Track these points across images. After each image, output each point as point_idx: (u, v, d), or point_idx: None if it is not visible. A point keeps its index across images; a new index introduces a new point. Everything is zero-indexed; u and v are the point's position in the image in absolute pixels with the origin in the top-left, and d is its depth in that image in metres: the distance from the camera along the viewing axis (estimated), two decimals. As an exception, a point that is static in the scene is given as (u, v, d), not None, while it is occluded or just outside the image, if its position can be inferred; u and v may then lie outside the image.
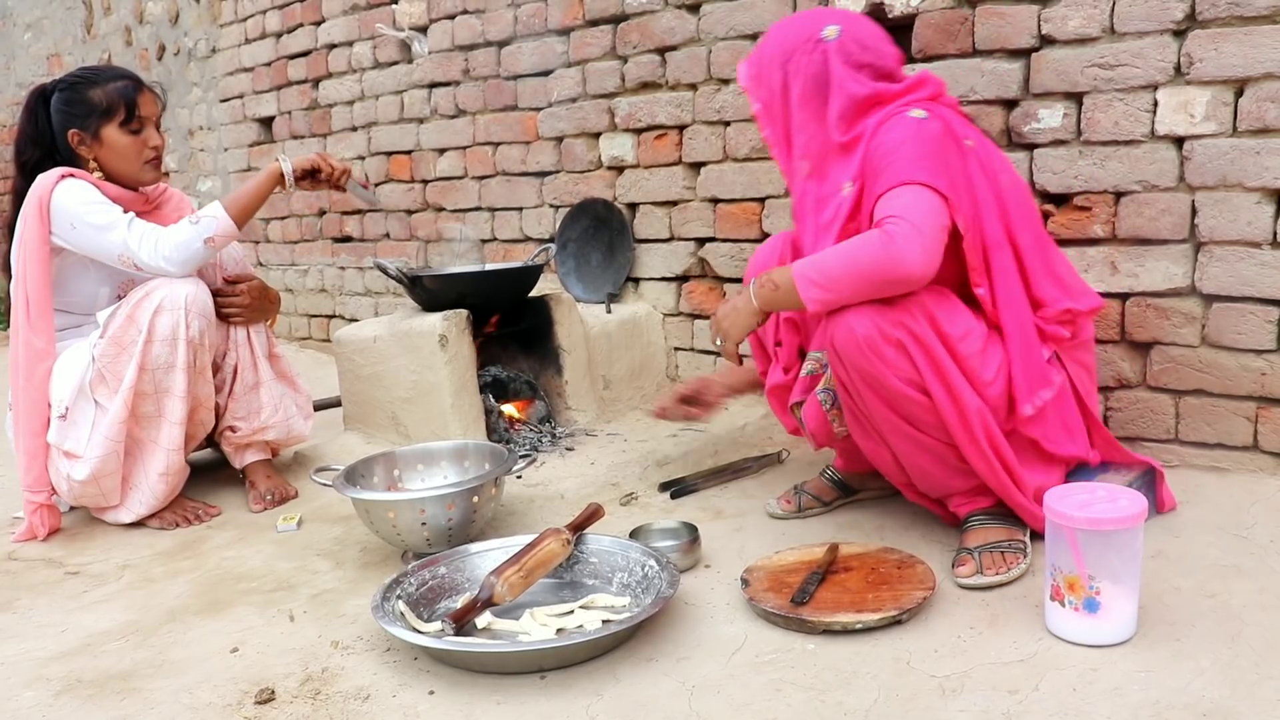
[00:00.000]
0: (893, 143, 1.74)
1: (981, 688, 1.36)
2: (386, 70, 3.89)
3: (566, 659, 1.49)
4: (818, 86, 1.84)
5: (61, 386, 2.27)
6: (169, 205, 2.55)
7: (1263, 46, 1.93)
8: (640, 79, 3.00)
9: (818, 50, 1.83)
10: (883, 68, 1.84)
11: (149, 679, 1.56)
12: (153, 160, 2.40)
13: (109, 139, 2.34)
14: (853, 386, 1.75)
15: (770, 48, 1.89)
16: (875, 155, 1.76)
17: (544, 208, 3.39)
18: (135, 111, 2.35)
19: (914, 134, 1.75)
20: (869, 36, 1.85)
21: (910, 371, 1.68)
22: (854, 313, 1.70)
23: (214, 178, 5.02)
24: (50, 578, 2.06)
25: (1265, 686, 1.32)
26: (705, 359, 3.03)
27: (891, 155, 1.73)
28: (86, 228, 2.23)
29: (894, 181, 1.70)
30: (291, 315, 4.68)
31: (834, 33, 1.83)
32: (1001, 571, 1.69)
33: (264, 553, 2.12)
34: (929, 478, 1.82)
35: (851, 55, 1.82)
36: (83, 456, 2.24)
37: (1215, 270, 2.05)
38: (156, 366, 2.23)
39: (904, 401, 1.71)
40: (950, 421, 1.69)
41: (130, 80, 2.38)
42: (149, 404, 2.27)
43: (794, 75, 1.86)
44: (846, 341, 1.70)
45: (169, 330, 2.22)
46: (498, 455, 2.13)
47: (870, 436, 1.83)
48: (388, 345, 2.64)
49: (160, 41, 5.16)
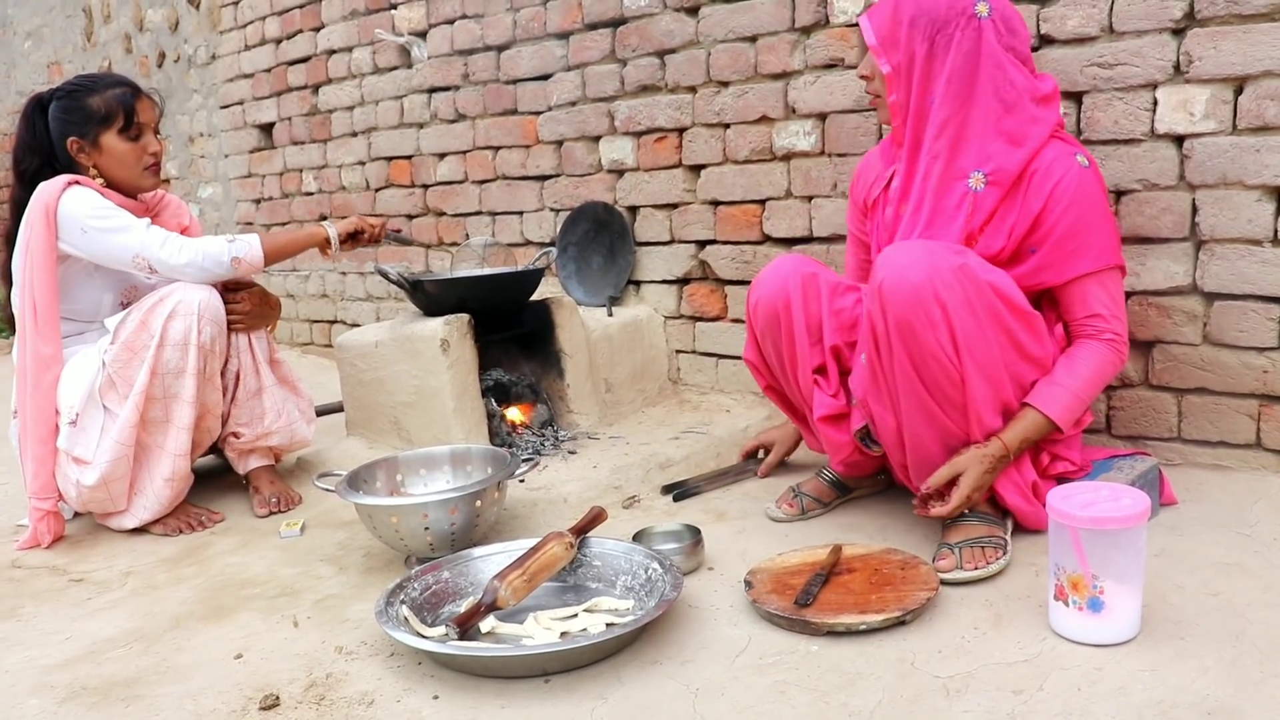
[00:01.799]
0: (1086, 204, 1.80)
1: (986, 688, 1.36)
2: (386, 75, 3.89)
3: (571, 662, 1.49)
4: (969, 65, 1.81)
5: (71, 393, 2.27)
6: (167, 212, 2.56)
7: (1262, 44, 1.93)
8: (640, 82, 3.00)
9: (972, 26, 1.80)
10: (1023, 52, 1.85)
11: (153, 685, 1.56)
12: (152, 166, 2.41)
13: (108, 146, 2.35)
14: (885, 338, 1.73)
15: (912, 10, 1.83)
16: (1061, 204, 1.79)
17: (544, 211, 3.39)
18: (134, 118, 2.35)
19: (1100, 197, 1.83)
20: (1013, 17, 1.85)
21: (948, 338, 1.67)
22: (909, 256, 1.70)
23: (214, 184, 5.02)
24: (54, 585, 2.06)
25: (1270, 685, 1.31)
26: (706, 361, 3.03)
27: (1090, 224, 1.81)
28: (98, 232, 2.24)
29: (1103, 262, 1.83)
30: (293, 321, 4.68)
31: (985, 10, 1.81)
32: (981, 566, 1.70)
33: (267, 559, 2.12)
34: (926, 455, 1.80)
35: (1002, 36, 1.82)
36: (92, 462, 2.24)
37: (1216, 268, 2.05)
38: (166, 371, 2.24)
39: (934, 365, 1.69)
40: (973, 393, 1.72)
41: (128, 87, 2.38)
42: (157, 409, 2.27)
43: (943, 48, 1.82)
44: (895, 288, 1.69)
45: (181, 335, 2.23)
46: (500, 459, 2.13)
47: (882, 400, 1.82)
48: (389, 350, 2.64)
49: (160, 48, 5.17)
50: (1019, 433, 1.76)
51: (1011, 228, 1.83)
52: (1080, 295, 1.84)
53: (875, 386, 1.82)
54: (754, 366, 2.17)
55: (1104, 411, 2.24)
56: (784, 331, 2.02)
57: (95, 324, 2.39)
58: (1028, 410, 1.78)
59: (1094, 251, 1.81)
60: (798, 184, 2.69)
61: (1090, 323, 1.84)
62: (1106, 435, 2.24)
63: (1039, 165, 1.81)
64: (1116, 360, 1.84)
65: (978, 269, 1.71)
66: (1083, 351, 1.83)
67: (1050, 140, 1.83)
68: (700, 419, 2.82)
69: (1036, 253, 1.82)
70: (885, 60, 1.88)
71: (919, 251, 1.70)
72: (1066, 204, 1.79)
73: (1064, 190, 1.79)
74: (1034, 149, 1.82)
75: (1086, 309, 1.84)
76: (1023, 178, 1.82)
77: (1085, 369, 1.80)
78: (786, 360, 2.05)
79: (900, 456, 1.87)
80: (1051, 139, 1.84)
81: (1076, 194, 1.80)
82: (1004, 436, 1.75)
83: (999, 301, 1.71)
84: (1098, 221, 1.82)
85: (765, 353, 2.10)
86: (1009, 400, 1.77)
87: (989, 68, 1.81)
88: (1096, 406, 2.24)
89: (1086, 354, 1.82)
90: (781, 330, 2.02)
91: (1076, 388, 1.78)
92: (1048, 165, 1.81)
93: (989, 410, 1.74)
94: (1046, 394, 1.78)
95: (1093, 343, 1.83)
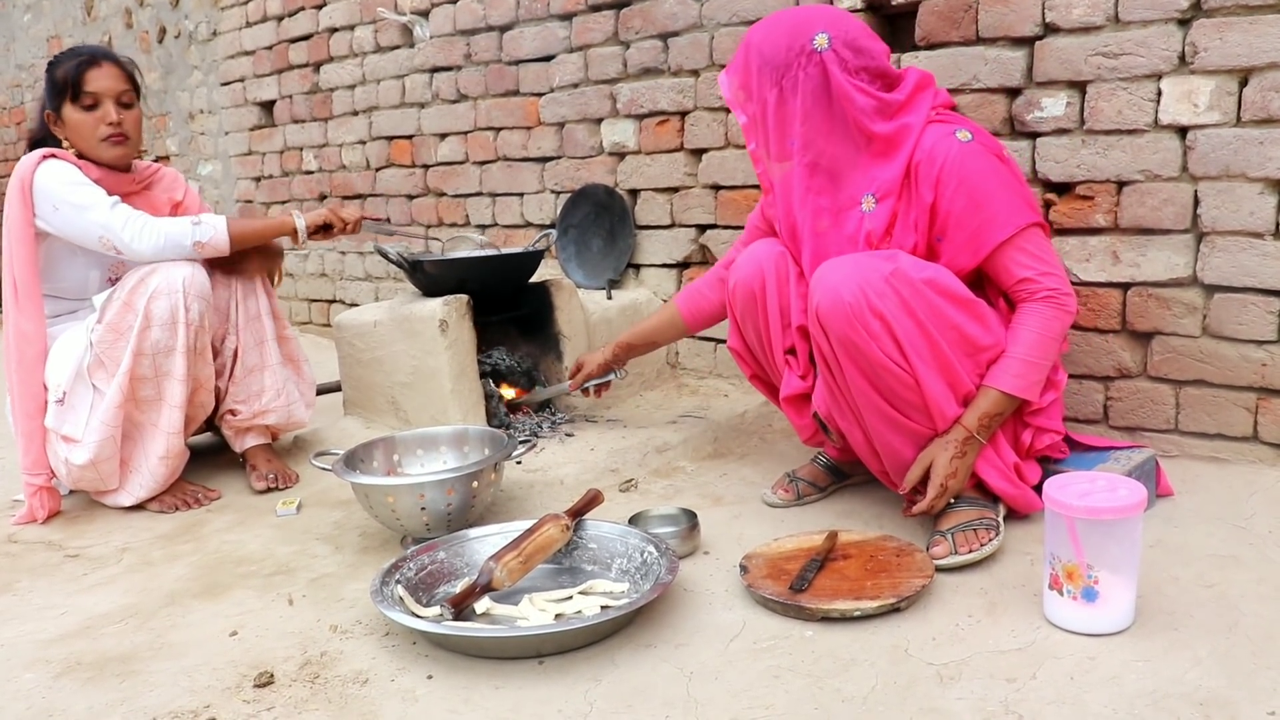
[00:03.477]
0: (974, 180, 1.76)
1: (979, 675, 1.36)
2: (388, 54, 3.87)
3: (565, 644, 1.49)
4: (819, 99, 1.81)
5: (59, 371, 2.27)
6: (160, 185, 2.53)
7: (1268, 36, 1.92)
8: (642, 65, 2.99)
9: (813, 63, 1.79)
10: (877, 68, 1.82)
11: (148, 661, 1.57)
12: (110, 137, 2.35)
13: (68, 118, 2.34)
14: (832, 358, 1.76)
15: (757, 60, 1.84)
16: (949, 188, 1.76)
17: (545, 193, 3.38)
18: (82, 88, 2.32)
19: (989, 167, 1.78)
20: (857, 36, 1.82)
21: (893, 347, 1.68)
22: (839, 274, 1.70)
23: (215, 161, 5.01)
24: (50, 560, 2.06)
25: (1262, 676, 1.32)
26: (705, 346, 3.03)
27: (984, 197, 1.76)
28: (68, 208, 2.23)
29: (1011, 228, 1.77)
30: (292, 300, 4.68)
31: (824, 41, 1.79)
32: (975, 548, 1.70)
33: (263, 537, 2.12)
34: (902, 461, 1.82)
35: (847, 62, 1.79)
36: (81, 441, 2.24)
37: (1217, 261, 2.05)
38: (156, 351, 2.23)
39: (885, 375, 1.71)
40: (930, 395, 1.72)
41: (84, 56, 2.35)
42: (149, 388, 2.27)
43: (791, 91, 1.82)
44: (832, 309, 1.70)
45: (167, 314, 2.22)
46: (497, 440, 2.13)
47: (845, 414, 1.84)
48: (388, 330, 2.64)
49: (161, 24, 5.14)
50: (977, 411, 1.76)
51: (915, 223, 1.81)
52: (1003, 265, 1.80)
53: (836, 404, 1.85)
54: (738, 354, 2.16)
55: (1101, 402, 2.24)
56: (761, 312, 2.02)
57: (84, 302, 2.39)
58: (984, 390, 1.77)
59: (999, 220, 1.77)
60: (799, 170, 2.68)
61: (1022, 287, 1.80)
62: (1104, 425, 2.25)
63: (920, 156, 1.79)
64: (1060, 314, 1.78)
65: (910, 269, 1.70)
66: (1023, 317, 1.79)
67: (927, 127, 1.80)
68: (698, 403, 2.82)
69: (943, 240, 1.81)
70: (741, 112, 1.91)
71: (849, 268, 1.71)
72: (955, 185, 1.76)
73: (949, 173, 1.76)
74: (909, 148, 1.80)
75: (1012, 276, 1.80)
76: (909, 173, 1.81)
77: (1028, 333, 1.77)
78: (765, 342, 2.06)
79: (877, 465, 1.89)
80: (928, 125, 1.81)
81: (962, 172, 1.76)
82: (964, 419, 1.76)
83: (937, 296, 1.71)
84: (994, 191, 1.77)
85: (747, 338, 2.10)
86: (969, 390, 1.77)
87: (840, 100, 1.79)
88: (1094, 397, 2.24)
89: (1026, 319, 1.79)
90: (759, 311, 2.03)
91: (1023, 354, 1.76)
92: (928, 153, 1.78)
93: (949, 404, 1.75)
94: (996, 370, 1.77)
95: (1029, 304, 1.79)
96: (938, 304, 1.71)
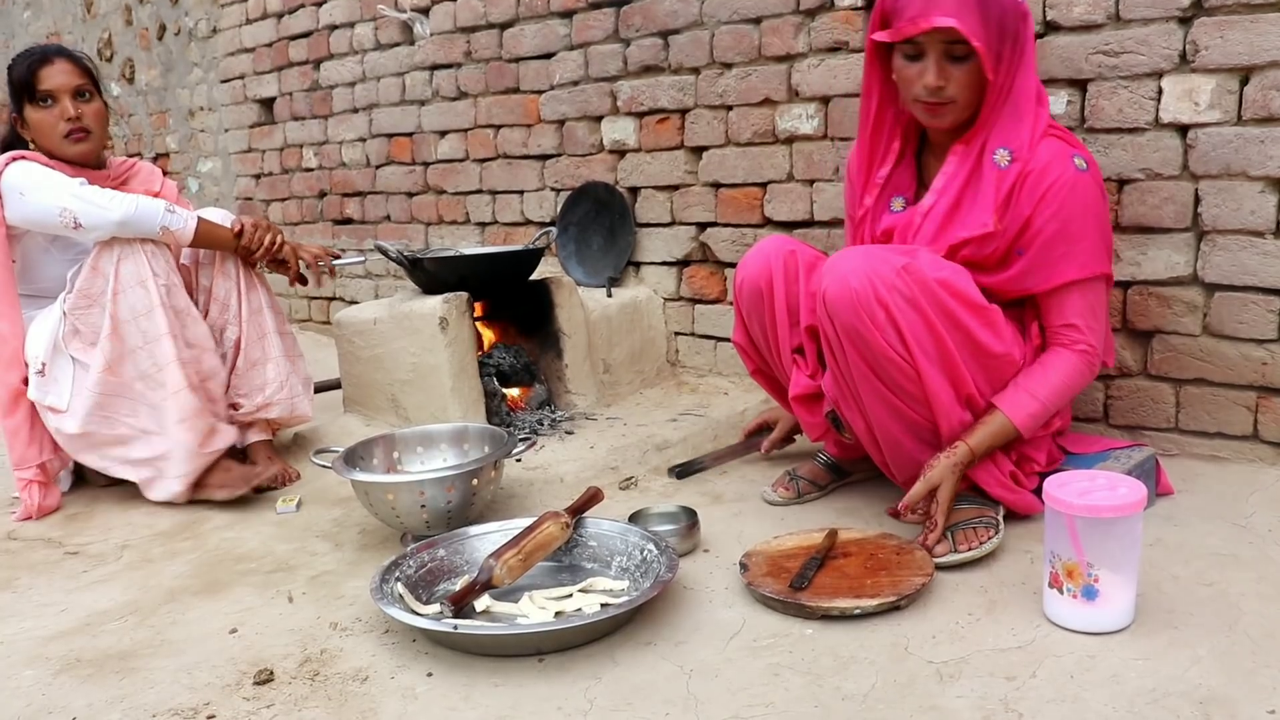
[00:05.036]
0: (1077, 212, 1.75)
1: (979, 674, 1.36)
2: (388, 52, 3.87)
3: (565, 642, 1.49)
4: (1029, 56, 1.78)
5: (36, 343, 2.29)
6: (137, 179, 2.55)
7: (1269, 34, 1.92)
8: (642, 62, 2.99)
9: (1027, 23, 1.77)
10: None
11: (148, 659, 1.57)
12: (71, 133, 2.35)
13: (30, 119, 2.36)
14: (837, 345, 1.76)
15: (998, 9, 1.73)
16: (1050, 208, 1.74)
17: (545, 191, 3.38)
18: (37, 87, 2.32)
19: (1094, 203, 1.77)
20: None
21: (896, 338, 1.68)
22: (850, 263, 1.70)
23: (214, 159, 5.00)
24: (50, 557, 2.06)
25: (1262, 675, 1.32)
26: (705, 344, 3.03)
27: (1079, 233, 1.76)
28: (33, 190, 2.23)
29: (1087, 272, 1.78)
30: (291, 297, 4.67)
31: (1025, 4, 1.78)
32: (974, 546, 1.70)
33: (263, 534, 2.12)
34: (900, 451, 1.82)
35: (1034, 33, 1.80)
36: (67, 410, 2.26)
37: (1218, 259, 2.05)
38: (136, 314, 2.22)
39: (888, 365, 1.71)
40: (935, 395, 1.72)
41: (35, 55, 2.35)
42: (142, 358, 2.25)
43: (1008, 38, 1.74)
44: (839, 296, 1.70)
45: (134, 275, 2.22)
46: (497, 438, 2.12)
47: (849, 403, 1.84)
48: (388, 327, 2.64)
49: (160, 21, 5.13)
50: (985, 437, 1.76)
51: (1006, 227, 1.80)
52: (1059, 302, 1.80)
53: (841, 391, 1.85)
54: (742, 349, 2.16)
55: (1102, 400, 2.24)
56: (768, 310, 2.02)
57: None
58: (995, 413, 1.77)
59: (1080, 260, 1.77)
60: (799, 167, 2.68)
61: (1065, 332, 1.81)
62: (1104, 424, 2.25)
63: (1034, 166, 1.75)
64: (1087, 373, 1.82)
65: (925, 267, 1.69)
66: (1055, 361, 1.80)
67: (1043, 139, 1.77)
68: (698, 401, 2.82)
69: (1023, 255, 1.79)
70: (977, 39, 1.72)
71: (859, 258, 1.71)
72: (1056, 208, 1.74)
73: (1055, 194, 1.74)
74: (1030, 141, 1.76)
75: (1063, 317, 1.80)
76: (1018, 178, 1.77)
77: (1056, 378, 1.78)
78: (771, 340, 2.05)
79: (878, 454, 1.89)
80: (1044, 137, 1.77)
81: (1068, 199, 1.74)
82: (970, 441, 1.75)
83: (949, 298, 1.70)
84: (1088, 228, 1.76)
85: (752, 333, 2.10)
86: (971, 391, 1.76)
87: (1030, 69, 1.79)
88: (1094, 395, 2.24)
89: (1058, 363, 1.80)
90: (765, 308, 2.03)
91: (1044, 396, 1.78)
92: (1043, 167, 1.75)
93: (950, 401, 1.74)
94: (1014, 399, 1.77)
95: (1066, 352, 1.80)
96: (949, 304, 1.70)
